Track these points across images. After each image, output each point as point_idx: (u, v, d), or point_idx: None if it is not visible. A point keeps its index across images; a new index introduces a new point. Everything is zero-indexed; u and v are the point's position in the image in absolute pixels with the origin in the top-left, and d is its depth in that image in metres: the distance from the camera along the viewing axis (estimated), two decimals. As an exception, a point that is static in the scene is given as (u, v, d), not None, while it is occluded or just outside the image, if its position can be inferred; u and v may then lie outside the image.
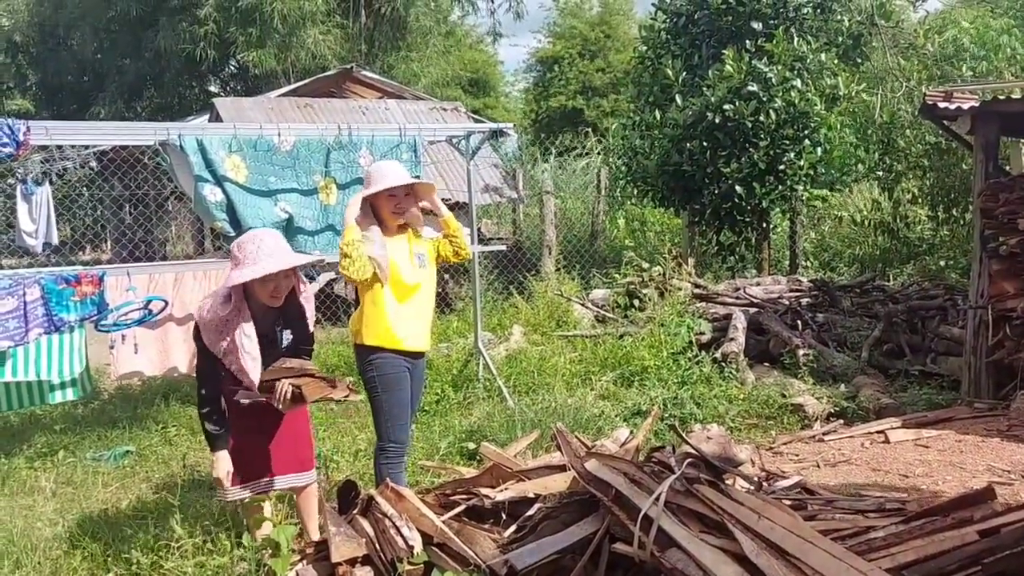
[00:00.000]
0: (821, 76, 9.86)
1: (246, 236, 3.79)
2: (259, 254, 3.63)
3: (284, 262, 3.67)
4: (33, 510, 4.87)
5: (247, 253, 3.64)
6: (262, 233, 3.81)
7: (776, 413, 6.17)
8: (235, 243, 3.77)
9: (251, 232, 3.90)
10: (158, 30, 16.67)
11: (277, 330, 3.85)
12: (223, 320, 3.67)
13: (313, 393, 3.71)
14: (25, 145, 5.20)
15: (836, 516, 2.90)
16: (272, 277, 3.66)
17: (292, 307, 3.87)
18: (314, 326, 4.05)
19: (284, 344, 3.88)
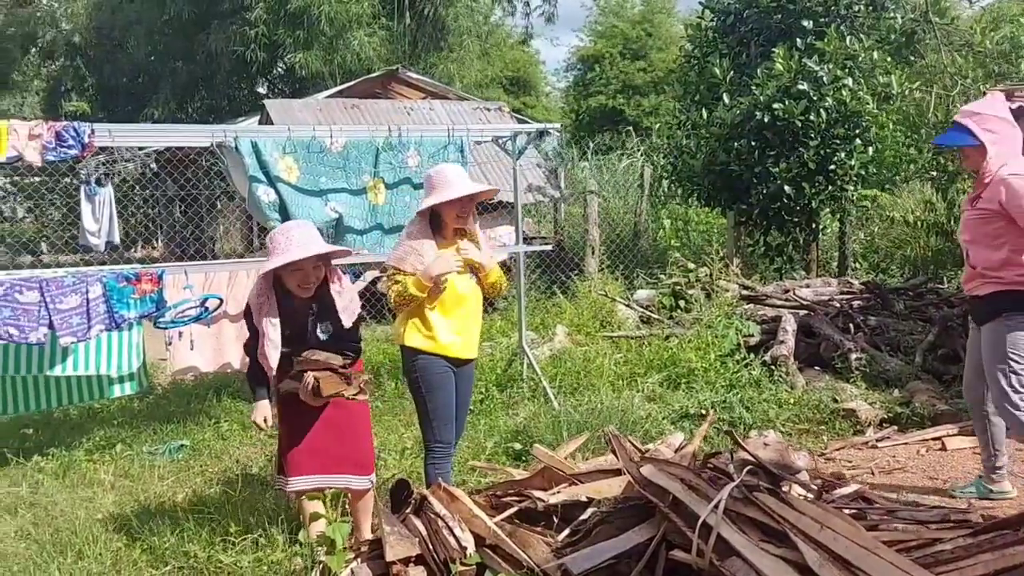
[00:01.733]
0: (873, 74, 9.67)
1: (278, 228, 3.93)
2: (288, 245, 3.74)
3: (306, 251, 3.74)
4: (93, 502, 5.01)
5: (277, 244, 3.77)
6: (292, 225, 3.93)
7: (827, 418, 6.06)
8: (269, 235, 3.93)
9: (284, 224, 4.07)
10: (209, 33, 16.96)
11: (311, 321, 3.92)
12: (258, 306, 3.86)
13: (327, 388, 3.83)
14: (90, 146, 5.35)
15: (899, 527, 2.85)
16: (299, 267, 3.77)
17: (325, 299, 3.93)
18: (358, 322, 4.08)
19: (323, 337, 3.94)
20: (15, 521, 4.80)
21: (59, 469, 5.64)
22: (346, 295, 3.99)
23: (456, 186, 4.12)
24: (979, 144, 4.25)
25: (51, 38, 20.37)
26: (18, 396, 5.75)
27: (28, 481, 5.43)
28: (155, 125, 7.50)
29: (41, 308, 5.02)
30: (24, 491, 5.26)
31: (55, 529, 4.60)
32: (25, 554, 4.31)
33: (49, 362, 5.50)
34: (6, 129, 5.11)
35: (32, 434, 6.33)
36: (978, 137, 4.24)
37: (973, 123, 4.25)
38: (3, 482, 5.45)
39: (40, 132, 5.16)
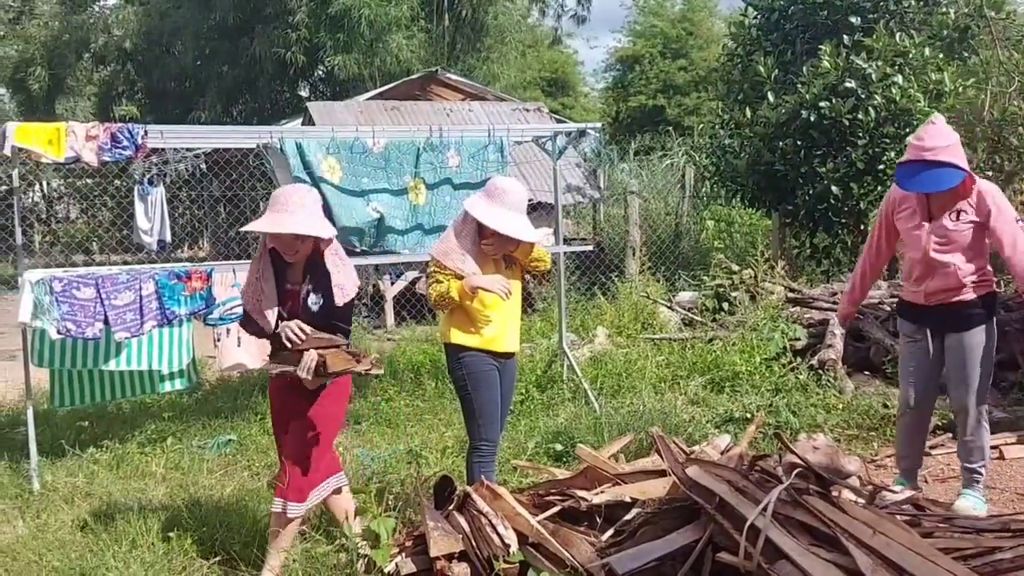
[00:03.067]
0: (924, 72, 9.48)
1: (282, 188, 3.95)
2: (274, 208, 3.72)
3: (278, 226, 3.69)
4: (145, 493, 5.12)
5: (271, 204, 3.77)
6: (291, 190, 3.90)
7: (878, 424, 5.95)
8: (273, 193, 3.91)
9: (286, 186, 4.05)
10: (253, 37, 17.22)
11: (306, 289, 3.86)
12: (255, 264, 3.89)
13: (336, 364, 3.72)
14: (143, 148, 5.49)
15: (955, 535, 2.79)
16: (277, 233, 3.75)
17: (319, 269, 3.86)
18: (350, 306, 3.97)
19: (314, 309, 3.87)
20: (72, 510, 4.93)
21: (113, 461, 5.76)
22: (343, 272, 3.91)
23: (507, 223, 4.05)
24: (967, 173, 4.30)
25: (103, 44, 20.86)
26: (74, 389, 5.89)
27: (84, 472, 5.57)
28: (204, 127, 7.64)
29: (97, 304, 5.15)
30: (80, 481, 5.40)
31: (109, 518, 4.70)
32: (82, 542, 4.41)
33: (104, 357, 5.65)
34: (65, 130, 5.24)
35: (87, 427, 6.45)
36: (963, 167, 4.26)
37: (949, 156, 4.24)
38: (60, 472, 5.59)
39: (96, 133, 5.29)
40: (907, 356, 4.67)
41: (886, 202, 4.67)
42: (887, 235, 4.67)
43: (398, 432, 6.36)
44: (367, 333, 10.36)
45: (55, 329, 5.13)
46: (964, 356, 4.40)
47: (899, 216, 4.53)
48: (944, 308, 4.43)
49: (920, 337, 4.55)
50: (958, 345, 4.42)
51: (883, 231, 4.68)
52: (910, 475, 4.73)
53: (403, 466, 5.32)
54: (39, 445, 5.60)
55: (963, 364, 4.41)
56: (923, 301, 4.49)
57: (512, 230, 4.06)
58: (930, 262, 4.40)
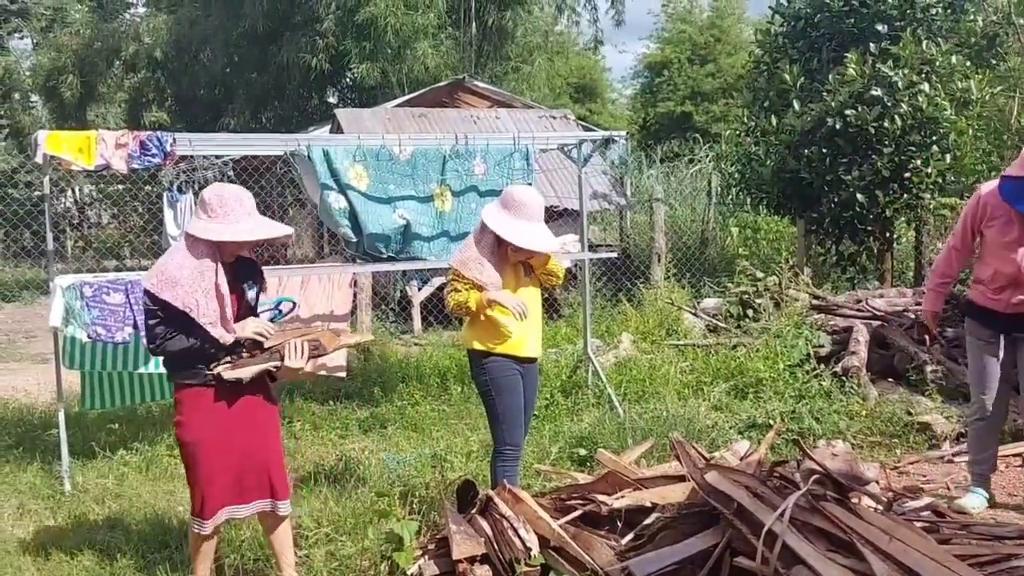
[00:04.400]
0: (951, 79, 9.44)
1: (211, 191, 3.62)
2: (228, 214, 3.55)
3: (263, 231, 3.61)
4: (174, 495, 5.19)
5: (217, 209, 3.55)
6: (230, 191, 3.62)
7: (901, 431, 5.93)
8: (201, 197, 3.63)
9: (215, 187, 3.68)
10: (282, 45, 17.38)
11: (243, 286, 3.76)
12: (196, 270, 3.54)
13: (331, 342, 3.74)
14: (171, 155, 5.56)
15: (973, 542, 2.80)
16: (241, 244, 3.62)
17: (243, 263, 3.79)
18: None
19: (253, 300, 3.83)
20: (103, 510, 5.04)
21: (142, 463, 5.86)
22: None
23: (524, 236, 4.10)
24: None
25: (133, 51, 21.08)
26: (104, 392, 6.00)
27: (114, 473, 5.68)
28: (232, 135, 7.74)
29: (126, 309, 5.26)
30: (110, 483, 5.51)
31: (141, 519, 4.82)
32: (113, 542, 4.51)
33: (134, 360, 5.74)
34: (95, 139, 5.33)
35: (117, 429, 6.55)
36: None
37: None
38: (91, 474, 5.70)
39: (126, 141, 5.37)
40: (980, 361, 4.63)
41: (974, 206, 4.57)
42: (970, 239, 4.61)
43: (424, 436, 6.42)
44: (394, 338, 10.42)
45: (85, 333, 5.24)
46: None
47: (990, 225, 4.47)
48: (1022, 315, 4.43)
49: (994, 341, 4.53)
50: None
51: (968, 234, 4.60)
52: (983, 480, 4.70)
53: (428, 470, 5.35)
54: (71, 447, 5.69)
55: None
56: (1002, 309, 4.46)
57: (527, 242, 4.10)
58: (1021, 279, 4.37)
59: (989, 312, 4.54)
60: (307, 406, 7.26)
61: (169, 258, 3.60)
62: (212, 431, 3.61)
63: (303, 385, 7.68)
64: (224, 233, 3.52)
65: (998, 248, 4.43)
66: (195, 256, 3.54)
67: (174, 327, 3.53)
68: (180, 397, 3.67)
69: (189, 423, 3.63)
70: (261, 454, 3.73)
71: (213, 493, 3.63)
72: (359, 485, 5.04)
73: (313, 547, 4.05)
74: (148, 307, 3.59)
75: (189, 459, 3.66)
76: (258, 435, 3.73)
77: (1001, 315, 4.48)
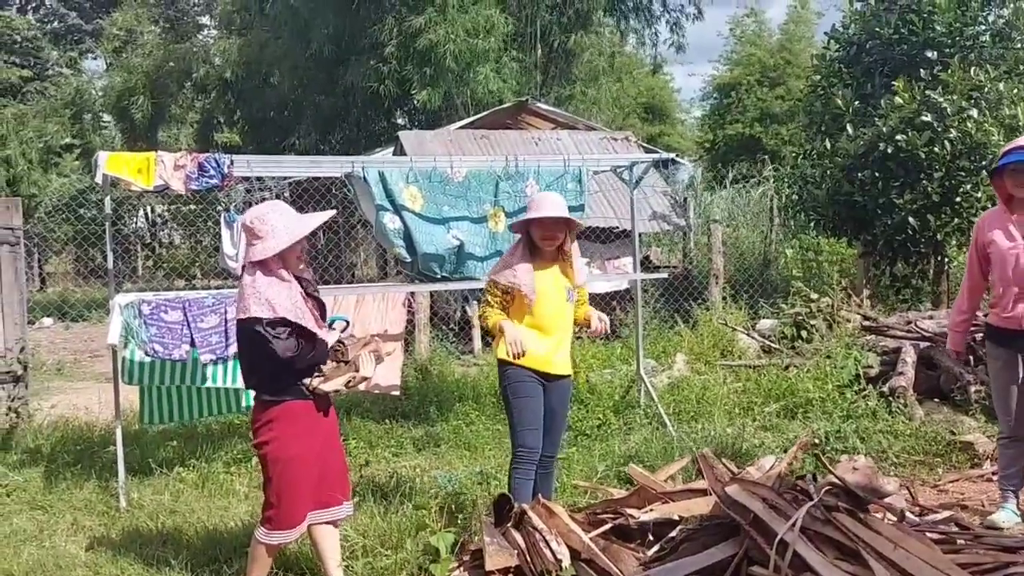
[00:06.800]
0: (1000, 106, 9.40)
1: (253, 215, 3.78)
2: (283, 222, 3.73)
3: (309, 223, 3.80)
4: (228, 511, 5.31)
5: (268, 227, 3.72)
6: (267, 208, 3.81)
7: (944, 450, 5.93)
8: (246, 224, 3.78)
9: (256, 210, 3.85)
10: (348, 69, 17.78)
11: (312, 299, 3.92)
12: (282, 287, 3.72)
13: (382, 348, 4.04)
14: (229, 176, 5.73)
15: (980, 551, 2.86)
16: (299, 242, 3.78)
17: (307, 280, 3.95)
18: None
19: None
20: (156, 526, 5.14)
21: (198, 479, 5.94)
22: None
23: (541, 208, 4.41)
24: None
25: (204, 73, 21.52)
26: (163, 407, 6.13)
27: (170, 490, 5.78)
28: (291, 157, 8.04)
29: (184, 327, 5.42)
30: (166, 499, 5.60)
31: (193, 534, 4.93)
32: (163, 557, 4.64)
33: (192, 375, 5.87)
34: (154, 160, 5.52)
35: (176, 446, 6.67)
36: None
37: None
38: (147, 490, 5.81)
39: (184, 163, 5.55)
40: (1002, 382, 4.68)
41: (974, 234, 4.76)
42: (978, 269, 4.76)
43: (476, 455, 6.53)
44: (455, 359, 10.56)
45: (143, 351, 5.40)
46: None
47: (991, 241, 4.59)
48: None
49: (1013, 362, 4.57)
50: None
51: (975, 265, 4.77)
52: (1014, 497, 4.72)
53: (475, 487, 5.43)
54: (128, 464, 5.82)
55: None
56: (1018, 327, 4.51)
57: (542, 212, 4.38)
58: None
59: (1006, 333, 4.60)
60: (364, 424, 7.37)
61: (254, 288, 3.71)
62: (306, 445, 3.79)
63: (361, 403, 7.83)
64: (281, 240, 3.69)
65: (1003, 256, 4.54)
66: (280, 278, 3.72)
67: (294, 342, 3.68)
68: (273, 415, 3.78)
69: (285, 438, 3.77)
70: (335, 460, 3.99)
71: (303, 503, 3.83)
72: (406, 501, 5.09)
73: (353, 559, 4.15)
74: (268, 334, 3.65)
75: (282, 474, 3.80)
76: (332, 442, 3.99)
77: (1018, 333, 4.52)
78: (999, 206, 4.69)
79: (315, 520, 3.92)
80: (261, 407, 3.84)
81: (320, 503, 3.91)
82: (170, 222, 21.23)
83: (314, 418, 3.86)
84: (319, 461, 3.87)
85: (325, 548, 4.00)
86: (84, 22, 31.09)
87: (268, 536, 3.85)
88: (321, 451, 3.88)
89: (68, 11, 31.79)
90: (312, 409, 3.84)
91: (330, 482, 3.94)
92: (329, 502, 3.94)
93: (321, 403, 3.88)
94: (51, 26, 31.53)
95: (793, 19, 30.84)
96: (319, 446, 3.87)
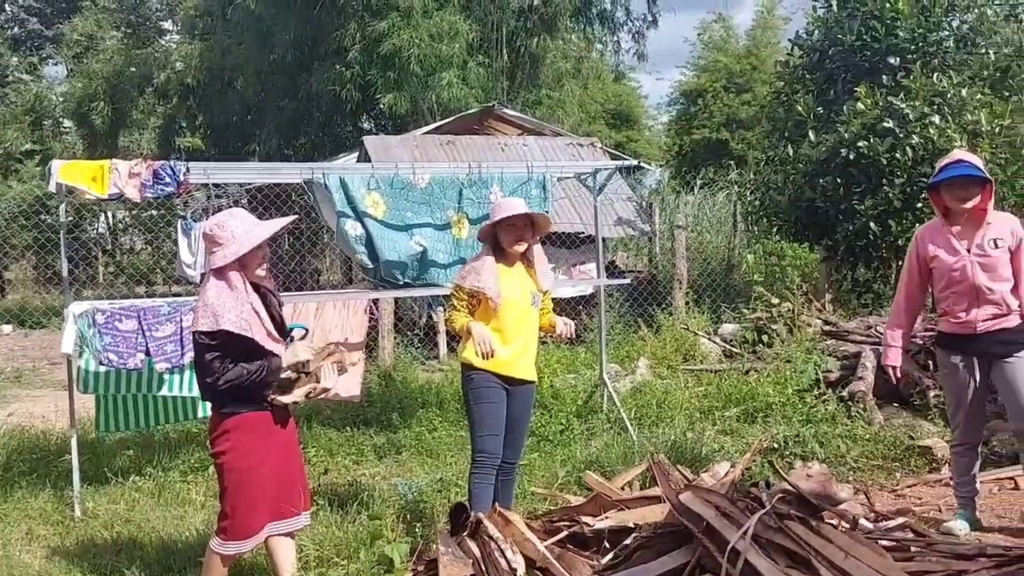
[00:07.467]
0: (962, 112, 9.52)
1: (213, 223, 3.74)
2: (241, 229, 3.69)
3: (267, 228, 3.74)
4: (184, 520, 5.26)
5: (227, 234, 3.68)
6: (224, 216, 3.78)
7: (902, 455, 5.99)
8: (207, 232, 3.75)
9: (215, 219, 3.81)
10: (311, 73, 17.72)
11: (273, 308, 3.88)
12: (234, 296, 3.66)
13: (346, 359, 3.95)
14: (186, 184, 5.67)
15: (933, 558, 2.88)
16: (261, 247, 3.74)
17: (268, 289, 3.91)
18: None
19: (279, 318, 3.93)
20: (111, 535, 5.10)
21: (155, 488, 5.89)
22: None
23: (508, 209, 4.43)
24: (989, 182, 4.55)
25: (165, 79, 21.42)
26: (119, 415, 6.04)
27: (126, 499, 5.72)
28: (250, 163, 7.97)
29: (138, 336, 5.35)
30: (122, 508, 5.55)
31: (148, 544, 4.89)
32: (118, 566, 4.59)
33: (148, 383, 5.79)
34: (109, 168, 5.44)
35: (132, 455, 6.60)
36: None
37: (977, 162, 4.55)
38: (103, 499, 5.74)
39: (139, 171, 5.47)
40: (956, 390, 4.71)
41: (914, 246, 4.82)
42: (918, 280, 4.81)
43: (438, 462, 6.49)
44: (419, 364, 10.52)
45: (97, 360, 5.34)
46: (1020, 378, 4.47)
47: (935, 255, 4.65)
48: (993, 335, 4.52)
49: (967, 368, 4.61)
50: (1012, 369, 4.49)
51: (915, 276, 4.81)
52: (969, 503, 4.77)
53: (436, 495, 5.44)
54: (84, 473, 5.75)
55: (1021, 386, 4.47)
56: (971, 331, 4.55)
57: (502, 214, 4.41)
58: (979, 290, 4.50)
59: (961, 338, 4.63)
60: (324, 432, 7.29)
61: (205, 296, 3.70)
62: (264, 456, 3.76)
63: (321, 411, 7.76)
64: (241, 245, 3.65)
65: (948, 272, 4.60)
66: (229, 286, 3.67)
67: (231, 357, 3.63)
68: (230, 425, 3.74)
69: (242, 448, 3.73)
70: (293, 470, 3.95)
71: (260, 514, 3.79)
72: (363, 510, 5.07)
73: (306, 569, 4.12)
74: (204, 344, 3.63)
75: (238, 484, 3.76)
76: (290, 452, 3.95)
77: (971, 338, 4.57)
78: (937, 219, 4.76)
79: (273, 532, 3.88)
80: (218, 417, 3.81)
81: (278, 514, 3.87)
82: (131, 228, 21.00)
83: (272, 429, 3.83)
84: (277, 472, 3.83)
85: (281, 560, 3.96)
86: (44, 28, 30.60)
87: (223, 546, 3.81)
88: (279, 462, 3.84)
89: (28, 16, 31.27)
90: (270, 420, 3.81)
91: (288, 493, 3.89)
92: (286, 513, 3.89)
93: (279, 414, 3.85)
94: (11, 32, 31.00)
95: (760, 25, 31.15)
96: (277, 457, 3.83)
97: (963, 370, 4.62)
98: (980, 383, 4.60)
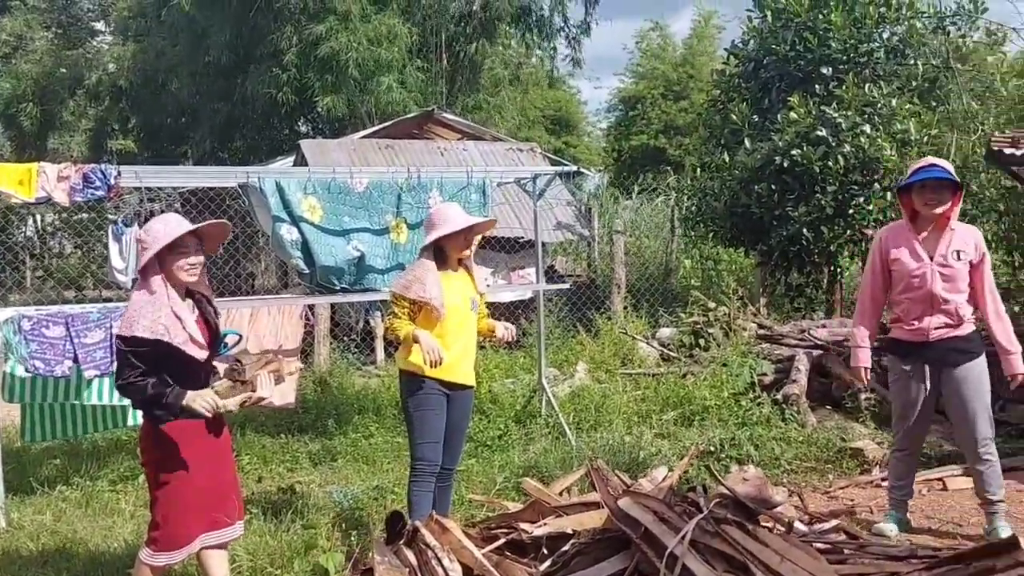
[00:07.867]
0: (892, 121, 9.79)
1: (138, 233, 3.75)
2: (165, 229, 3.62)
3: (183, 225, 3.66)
4: (112, 531, 5.13)
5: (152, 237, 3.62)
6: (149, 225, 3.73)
7: (835, 457, 6.11)
8: (138, 241, 3.73)
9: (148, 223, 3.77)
10: (247, 76, 17.48)
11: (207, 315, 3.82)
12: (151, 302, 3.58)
13: (284, 368, 3.89)
14: (116, 188, 5.55)
15: (866, 561, 2.92)
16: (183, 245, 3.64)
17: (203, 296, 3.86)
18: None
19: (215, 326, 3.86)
20: (37, 547, 4.95)
21: (82, 498, 5.76)
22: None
23: (456, 220, 4.41)
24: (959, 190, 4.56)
25: (96, 80, 21.02)
26: (46, 424, 5.88)
27: (52, 509, 5.57)
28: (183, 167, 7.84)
29: (66, 343, 5.21)
30: (47, 519, 5.39)
31: (75, 555, 4.75)
32: None
33: (75, 391, 5.64)
34: (36, 171, 5.31)
35: (59, 464, 6.45)
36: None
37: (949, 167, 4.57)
38: (28, 510, 5.58)
39: (68, 174, 5.35)
40: (903, 394, 4.75)
41: (876, 247, 4.79)
42: (881, 281, 4.78)
43: (375, 469, 6.43)
44: (356, 370, 10.42)
45: (24, 367, 5.19)
46: (969, 388, 4.54)
47: (896, 259, 4.65)
48: (945, 343, 4.58)
49: (918, 374, 4.65)
50: (962, 378, 4.56)
51: (878, 278, 4.78)
52: (901, 505, 4.84)
53: (372, 503, 5.37)
54: (8, 483, 5.60)
55: (969, 396, 4.54)
56: (924, 338, 4.60)
57: (464, 222, 4.42)
58: (935, 299, 4.55)
59: (913, 345, 4.67)
60: (258, 439, 7.20)
61: (130, 301, 3.66)
62: (195, 464, 3.67)
63: (256, 418, 7.65)
64: (160, 241, 3.57)
65: (908, 277, 4.62)
66: (149, 291, 3.59)
67: (149, 363, 3.54)
68: (162, 433, 3.64)
69: (173, 457, 3.65)
70: (226, 479, 3.85)
71: (192, 524, 3.69)
72: (298, 518, 4.99)
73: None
74: (119, 349, 3.58)
75: (169, 494, 3.67)
76: (223, 461, 3.86)
77: (923, 345, 4.62)
78: (903, 222, 4.75)
79: (205, 543, 3.79)
80: (149, 424, 3.71)
81: (210, 524, 3.78)
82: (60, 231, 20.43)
83: (204, 437, 3.74)
84: (209, 481, 3.74)
85: (213, 571, 3.87)
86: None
87: (153, 557, 3.71)
88: (211, 471, 3.76)
89: (-46, 16, 30.25)
90: (202, 428, 3.72)
91: (221, 502, 3.81)
92: (219, 523, 3.80)
93: (212, 422, 3.75)
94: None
95: (696, 34, 31.61)
96: (209, 465, 3.75)
97: (914, 377, 4.67)
98: (930, 391, 4.65)
